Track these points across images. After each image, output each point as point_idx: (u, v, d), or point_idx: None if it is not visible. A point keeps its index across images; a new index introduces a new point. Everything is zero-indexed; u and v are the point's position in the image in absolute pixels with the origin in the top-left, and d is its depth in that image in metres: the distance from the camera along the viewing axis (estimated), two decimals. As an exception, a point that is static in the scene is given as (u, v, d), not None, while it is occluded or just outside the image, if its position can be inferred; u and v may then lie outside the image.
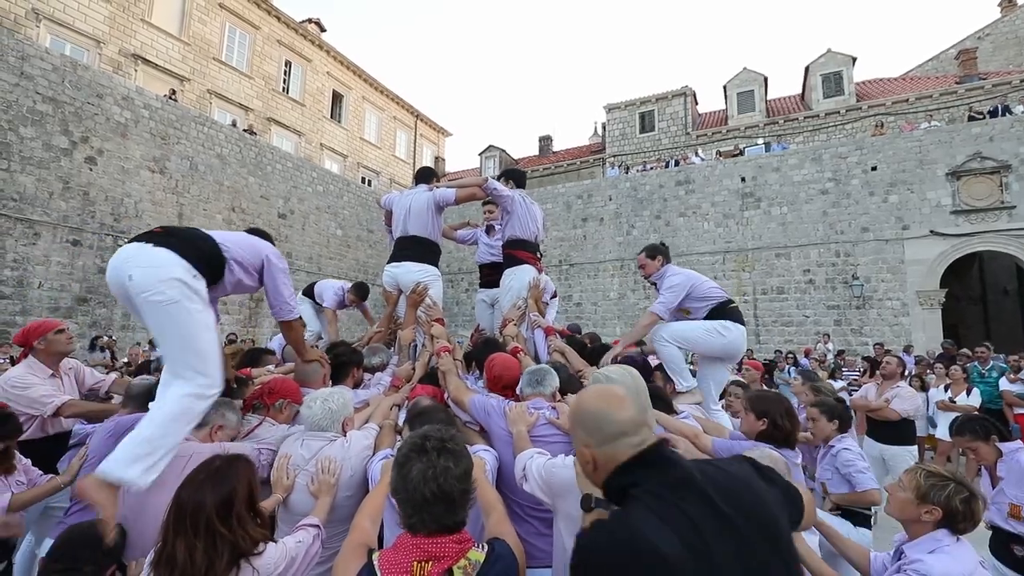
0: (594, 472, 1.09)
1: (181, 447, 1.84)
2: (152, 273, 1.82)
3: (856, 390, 7.08)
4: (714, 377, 3.19)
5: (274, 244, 2.57)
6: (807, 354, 11.66)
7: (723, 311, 3.08)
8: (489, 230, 4.22)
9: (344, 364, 2.71)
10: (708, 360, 3.18)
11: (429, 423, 1.84)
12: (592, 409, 1.11)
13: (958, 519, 1.71)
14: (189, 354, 1.84)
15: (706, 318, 3.11)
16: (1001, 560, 2.62)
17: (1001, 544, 2.65)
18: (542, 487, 1.66)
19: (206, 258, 2.00)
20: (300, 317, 2.57)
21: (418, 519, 1.17)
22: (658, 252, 3.33)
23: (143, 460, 1.68)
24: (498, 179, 3.67)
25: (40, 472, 2.39)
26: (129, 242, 1.99)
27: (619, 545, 0.90)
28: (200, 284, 1.93)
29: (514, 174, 3.80)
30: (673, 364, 3.11)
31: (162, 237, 1.95)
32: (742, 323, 3.09)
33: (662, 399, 2.67)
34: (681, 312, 3.23)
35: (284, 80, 21.27)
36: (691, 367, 3.34)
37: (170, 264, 1.86)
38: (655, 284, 3.30)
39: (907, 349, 11.59)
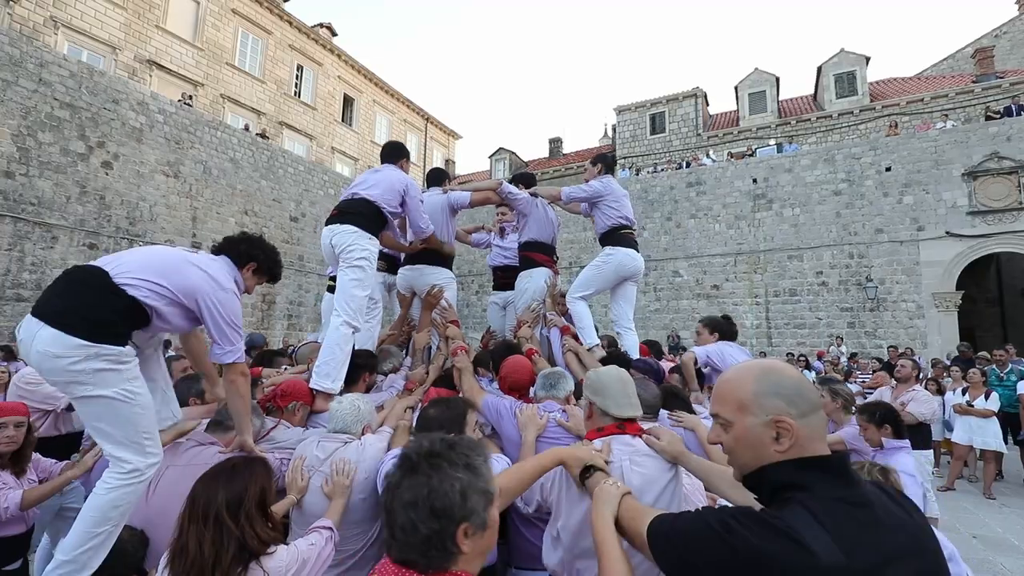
0: (783, 452, 0.92)
1: (201, 456, 1.87)
2: (346, 239, 2.77)
3: (871, 393, 6.98)
4: (624, 296, 3.62)
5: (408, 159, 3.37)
6: (820, 357, 11.52)
7: (613, 235, 3.52)
8: (501, 232, 4.23)
9: (357, 368, 2.70)
10: (614, 287, 3.60)
11: (438, 418, 1.84)
12: (794, 376, 0.98)
13: None
14: (356, 291, 2.75)
15: (601, 241, 3.58)
16: None
17: None
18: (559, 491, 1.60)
19: (374, 219, 2.87)
20: (434, 234, 3.25)
21: (388, 536, 0.95)
22: (599, 160, 3.70)
23: (332, 375, 2.56)
24: (510, 183, 3.69)
25: (54, 461, 2.42)
26: (327, 223, 2.90)
27: (794, 558, 0.80)
28: (374, 243, 2.88)
29: (524, 178, 3.82)
30: (580, 321, 3.44)
31: (343, 215, 2.84)
32: (628, 246, 3.50)
33: (680, 398, 2.67)
34: (589, 218, 3.74)
35: (296, 84, 21.51)
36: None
37: (357, 235, 2.78)
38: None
39: (910, 352, 11.36)
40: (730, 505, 1.29)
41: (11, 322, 10.10)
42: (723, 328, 3.47)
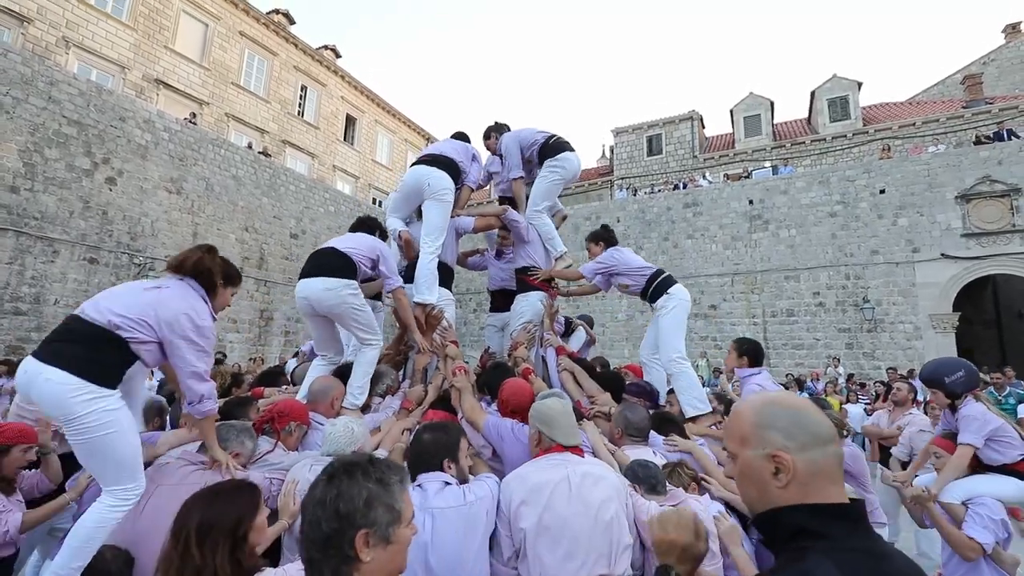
0: (783, 488, 0.87)
1: (192, 477, 1.86)
2: (440, 182, 3.30)
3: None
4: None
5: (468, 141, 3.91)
6: (815, 378, 11.49)
7: (551, 149, 3.86)
8: (499, 254, 4.27)
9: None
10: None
11: (435, 442, 1.85)
12: (793, 407, 0.92)
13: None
14: (440, 221, 3.31)
15: (540, 160, 3.95)
16: None
17: None
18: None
19: (456, 171, 3.47)
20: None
21: (300, 533, 1.02)
22: (493, 130, 4.23)
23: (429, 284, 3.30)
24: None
25: (35, 471, 2.47)
26: (416, 163, 3.47)
27: None
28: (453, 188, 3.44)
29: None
30: (547, 233, 3.87)
31: (434, 162, 3.40)
32: (567, 150, 3.90)
33: (674, 423, 2.68)
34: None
35: (299, 104, 21.85)
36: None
37: (446, 178, 3.33)
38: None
39: (910, 374, 11.37)
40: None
41: (8, 335, 10.08)
42: (755, 352, 3.22)
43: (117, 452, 1.73)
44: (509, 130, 4.16)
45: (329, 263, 2.74)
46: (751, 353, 3.12)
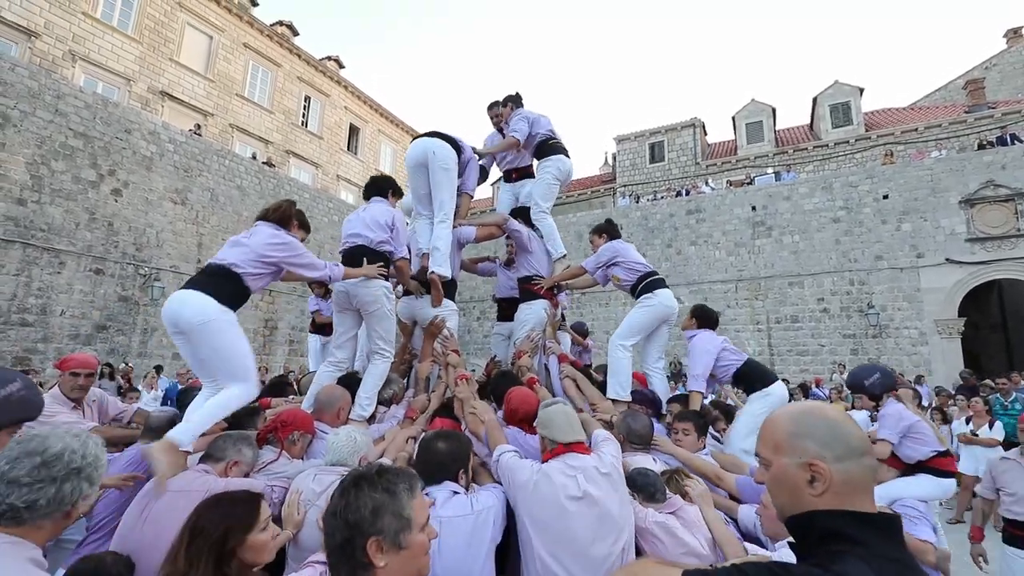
0: (818, 497, 0.89)
1: (195, 483, 1.87)
2: (444, 152, 3.39)
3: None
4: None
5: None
6: (817, 384, 11.42)
7: (545, 147, 4.07)
8: (509, 263, 4.28)
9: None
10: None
11: (448, 451, 1.87)
12: (830, 418, 0.94)
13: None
14: (448, 191, 3.41)
15: (537, 157, 4.17)
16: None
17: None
18: (506, 479, 1.86)
19: (458, 147, 3.52)
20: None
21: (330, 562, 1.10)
22: (509, 100, 4.26)
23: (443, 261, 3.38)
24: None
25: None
26: (419, 137, 3.57)
27: None
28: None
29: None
30: (550, 234, 4.00)
31: (435, 134, 3.50)
32: (561, 153, 4.11)
33: (726, 412, 2.69)
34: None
35: (303, 114, 22.04)
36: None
37: (449, 148, 3.42)
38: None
39: (919, 380, 11.31)
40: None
41: (15, 346, 10.14)
42: (703, 315, 3.54)
43: (236, 348, 2.31)
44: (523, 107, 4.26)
45: (367, 261, 2.95)
46: (700, 316, 3.52)
